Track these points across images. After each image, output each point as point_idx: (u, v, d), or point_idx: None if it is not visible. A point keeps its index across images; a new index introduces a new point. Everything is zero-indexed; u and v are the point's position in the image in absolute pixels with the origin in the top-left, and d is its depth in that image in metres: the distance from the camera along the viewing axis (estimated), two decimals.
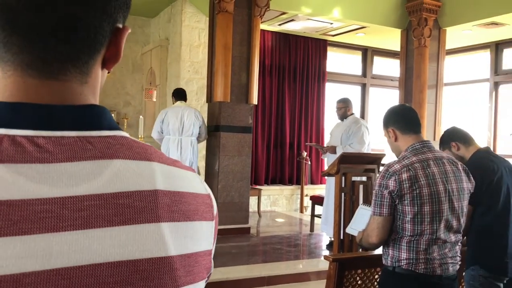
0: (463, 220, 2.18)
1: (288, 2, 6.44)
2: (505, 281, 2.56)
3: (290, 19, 7.05)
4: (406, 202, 2.06)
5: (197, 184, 0.64)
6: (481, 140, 2.82)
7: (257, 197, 7.29)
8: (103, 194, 0.53)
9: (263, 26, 7.01)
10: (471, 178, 2.24)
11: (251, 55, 5.88)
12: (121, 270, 0.52)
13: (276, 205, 8.09)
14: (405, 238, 2.09)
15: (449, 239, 2.12)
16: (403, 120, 2.25)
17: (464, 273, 2.65)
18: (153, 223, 0.55)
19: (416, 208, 2.05)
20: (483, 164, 2.59)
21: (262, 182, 7.99)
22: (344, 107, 5.51)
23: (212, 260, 0.65)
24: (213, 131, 5.93)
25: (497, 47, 7.80)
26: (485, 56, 8.03)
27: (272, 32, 7.94)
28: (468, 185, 2.22)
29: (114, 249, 0.52)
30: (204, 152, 6.46)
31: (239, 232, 5.79)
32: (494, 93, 7.88)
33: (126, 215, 0.53)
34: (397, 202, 2.09)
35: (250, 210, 6.37)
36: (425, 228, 2.06)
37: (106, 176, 0.54)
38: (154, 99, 7.94)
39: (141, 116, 7.40)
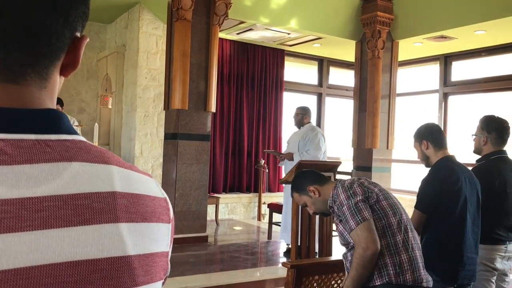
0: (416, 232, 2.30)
1: (246, 12, 6.50)
2: (455, 286, 2.67)
3: (249, 28, 7.12)
4: (380, 197, 2.19)
5: (153, 188, 0.65)
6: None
7: (215, 205, 7.26)
8: (62, 195, 0.54)
9: (222, 35, 7.04)
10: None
11: (210, 63, 5.89)
12: (80, 270, 0.53)
13: (234, 213, 8.08)
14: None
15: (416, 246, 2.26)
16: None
17: None
18: (112, 224, 0.56)
19: (387, 201, 2.23)
20: (444, 173, 2.65)
21: (220, 190, 7.97)
22: (302, 114, 5.63)
23: (169, 262, 0.67)
24: (170, 139, 5.88)
25: (446, 60, 8.14)
26: (435, 68, 8.37)
27: (230, 40, 7.98)
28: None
29: (73, 249, 0.53)
30: (161, 160, 6.40)
31: (196, 240, 5.75)
32: (443, 103, 8.21)
33: (85, 215, 0.54)
34: (373, 201, 2.17)
35: (208, 218, 6.34)
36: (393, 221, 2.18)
37: (65, 178, 0.55)
38: (110, 106, 7.79)
39: (96, 124, 7.24)
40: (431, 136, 2.76)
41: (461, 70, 8.09)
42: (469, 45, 7.40)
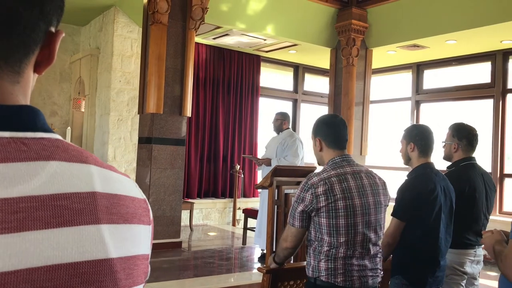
0: (381, 233, 2.27)
1: (223, 17, 6.51)
2: None
3: (225, 34, 7.12)
4: (322, 214, 2.12)
5: (133, 189, 0.63)
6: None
7: (189, 210, 7.20)
8: (40, 195, 0.51)
9: (198, 39, 7.02)
10: (387, 191, 2.35)
11: (185, 67, 5.86)
12: (60, 274, 0.50)
13: (208, 219, 8.04)
14: (323, 249, 2.14)
15: (367, 252, 2.18)
16: (331, 134, 2.31)
17: (389, 282, 2.77)
18: (93, 225, 0.54)
19: (331, 220, 2.11)
20: (422, 182, 2.68)
21: (195, 196, 7.92)
22: (281, 119, 5.66)
23: (149, 265, 0.64)
24: (144, 143, 5.82)
25: (418, 68, 8.31)
26: (408, 76, 8.53)
27: (206, 45, 7.97)
28: (385, 198, 2.31)
29: (52, 252, 0.50)
30: (134, 164, 6.32)
31: (170, 246, 5.69)
32: (415, 111, 8.37)
33: (65, 216, 0.52)
34: (313, 214, 2.15)
35: (182, 224, 6.29)
36: (342, 241, 2.12)
37: (42, 178, 0.52)
38: (83, 110, 7.67)
39: (68, 127, 7.11)
40: (420, 142, 2.77)
41: (432, 79, 8.27)
42: (440, 54, 7.58)
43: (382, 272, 2.30)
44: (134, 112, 7.14)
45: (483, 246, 3.05)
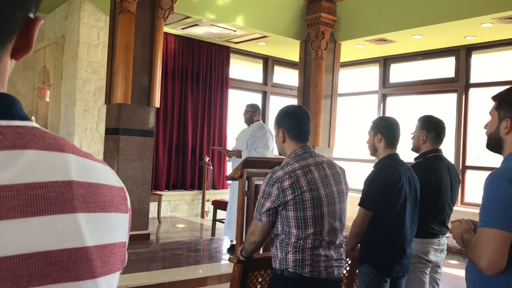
0: (345, 221, 2.31)
1: (192, 7, 6.44)
2: (391, 278, 2.78)
3: (194, 24, 7.06)
4: (289, 208, 2.12)
5: (111, 177, 0.63)
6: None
7: (157, 202, 7.14)
8: (16, 184, 0.51)
9: (166, 29, 6.93)
10: (347, 179, 2.38)
11: (154, 57, 5.78)
12: (36, 262, 0.50)
13: (176, 211, 7.99)
14: (291, 241, 2.15)
15: (333, 242, 2.21)
16: (295, 126, 2.30)
17: (357, 270, 2.83)
18: (69, 214, 0.54)
19: (299, 213, 2.12)
20: (388, 173, 2.73)
21: (163, 187, 7.86)
22: (251, 111, 5.66)
23: (126, 252, 0.65)
24: (111, 134, 5.72)
25: (385, 62, 8.46)
26: (375, 70, 8.67)
27: (175, 35, 7.88)
28: (346, 186, 2.35)
29: (28, 241, 0.50)
30: (101, 155, 6.21)
31: (138, 238, 5.64)
32: (382, 104, 8.53)
33: (41, 205, 0.52)
34: (280, 208, 2.15)
35: (150, 216, 6.23)
36: (309, 232, 2.13)
37: (18, 167, 0.52)
38: (48, 99, 7.47)
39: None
40: (387, 133, 2.82)
41: (399, 72, 8.43)
42: (407, 49, 7.73)
43: (346, 263, 2.34)
44: (101, 102, 7.00)
45: (447, 235, 3.16)
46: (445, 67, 7.69)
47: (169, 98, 7.91)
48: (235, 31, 7.34)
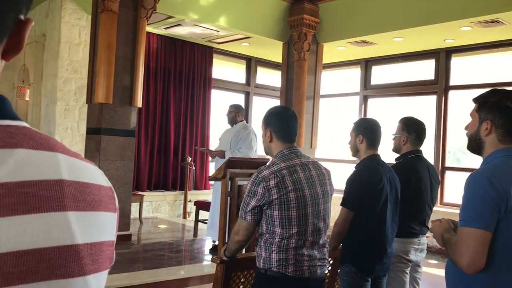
0: (328, 221, 2.34)
1: (175, 7, 6.41)
2: (372, 277, 2.82)
3: (177, 24, 7.03)
4: (274, 207, 2.14)
5: (99, 176, 0.64)
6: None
7: (139, 203, 7.09)
8: (7, 183, 0.51)
9: (149, 29, 6.89)
10: (332, 181, 2.41)
11: (136, 56, 5.75)
12: (27, 260, 0.50)
13: (158, 211, 7.94)
14: (275, 241, 2.17)
15: (316, 242, 2.24)
16: (282, 127, 2.33)
17: (339, 270, 2.86)
18: (60, 212, 0.55)
19: (284, 212, 2.14)
20: (369, 173, 2.77)
21: (145, 188, 7.80)
22: (235, 112, 5.66)
23: (114, 251, 0.66)
24: (92, 133, 5.66)
25: (367, 64, 8.55)
26: (356, 71, 8.75)
27: (158, 35, 7.83)
28: (331, 188, 2.38)
29: (19, 238, 0.50)
30: (82, 155, 6.14)
31: (120, 239, 5.57)
32: (363, 105, 8.62)
33: (32, 203, 0.52)
34: (265, 207, 2.17)
35: (132, 216, 6.18)
36: (294, 232, 2.16)
37: (10, 166, 0.52)
38: (27, 98, 7.36)
39: None
40: (368, 134, 2.86)
41: (380, 74, 8.53)
42: (388, 51, 7.82)
43: (329, 262, 2.36)
44: (82, 101, 6.92)
45: (427, 234, 3.21)
46: (425, 70, 7.80)
47: (151, 98, 7.86)
48: (218, 31, 7.34)
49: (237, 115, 5.66)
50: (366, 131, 2.87)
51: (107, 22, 5.45)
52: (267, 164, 2.26)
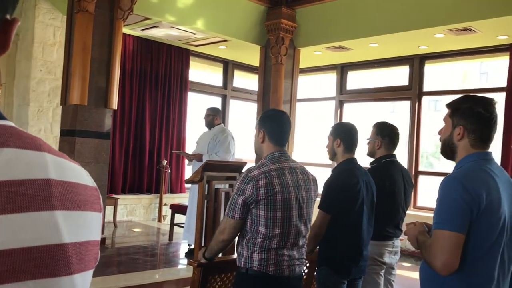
0: (310, 226, 2.41)
1: (152, 8, 6.37)
2: (348, 279, 2.85)
3: (154, 25, 6.98)
4: (261, 206, 2.21)
5: (85, 176, 0.65)
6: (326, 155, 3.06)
7: (113, 206, 7.00)
8: None
9: (125, 30, 6.82)
10: (318, 187, 2.48)
11: (112, 58, 5.68)
12: (14, 258, 0.51)
13: (133, 215, 7.85)
14: (258, 240, 2.23)
15: (297, 243, 2.30)
16: (276, 130, 2.40)
17: (315, 272, 2.88)
18: (47, 211, 0.55)
19: (269, 213, 2.21)
20: (346, 176, 2.82)
21: (119, 191, 7.70)
22: (212, 115, 5.64)
23: (99, 251, 0.66)
24: (66, 135, 5.57)
25: (343, 69, 8.65)
26: (333, 76, 8.85)
27: (134, 36, 7.76)
28: (315, 194, 2.45)
29: (6, 237, 0.50)
30: None
31: None
32: (339, 110, 8.71)
33: (19, 202, 0.52)
34: (252, 206, 2.22)
35: (106, 220, 6.10)
36: (277, 232, 2.22)
37: None
38: None
39: None
40: (346, 139, 2.92)
41: (355, 80, 8.64)
42: (363, 57, 7.93)
43: (306, 261, 2.42)
44: (56, 103, 6.81)
45: (401, 237, 3.26)
46: (400, 75, 7.94)
47: (126, 100, 7.78)
48: (195, 34, 7.32)
49: (215, 118, 5.65)
50: (344, 135, 2.92)
51: (83, 23, 5.38)
52: (257, 165, 2.32)
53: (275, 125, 2.40)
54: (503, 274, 1.75)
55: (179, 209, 6.25)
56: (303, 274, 2.42)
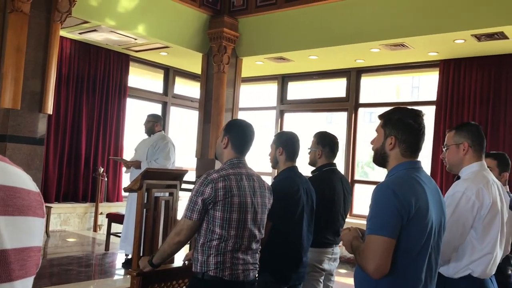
0: (263, 231, 2.48)
1: (91, 12, 6.21)
2: (288, 286, 2.90)
3: (93, 29, 6.80)
4: (218, 208, 2.28)
5: (28, 181, 0.63)
6: (267, 163, 3.14)
7: (46, 215, 6.70)
8: None
9: (62, 33, 6.59)
10: (272, 196, 2.58)
11: (48, 61, 5.47)
12: None
13: (67, 224, 7.55)
14: (213, 243, 2.28)
15: (250, 246, 2.38)
16: (241, 140, 2.49)
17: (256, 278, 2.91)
18: None
19: (226, 214, 2.28)
20: (287, 184, 2.88)
21: (53, 199, 7.38)
22: (153, 121, 5.56)
23: (40, 257, 0.64)
24: None
25: (283, 80, 8.82)
26: (274, 86, 9.00)
27: (72, 39, 7.52)
28: (269, 201, 2.55)
29: None
30: None
31: None
32: (280, 119, 8.86)
33: None
34: (210, 207, 2.28)
35: None
36: (232, 234, 2.29)
37: None
38: None
39: None
40: (287, 148, 3.00)
41: (296, 90, 8.84)
42: (303, 68, 8.13)
43: (259, 266, 2.47)
44: None
45: (340, 244, 3.36)
46: (338, 87, 8.21)
47: (62, 105, 7.51)
48: (135, 39, 7.20)
49: (155, 125, 5.57)
50: (286, 143, 2.99)
51: (17, 24, 5.15)
52: (216, 169, 2.40)
53: (241, 135, 2.51)
54: (430, 276, 1.85)
55: (116, 218, 6.09)
56: (256, 279, 2.46)
